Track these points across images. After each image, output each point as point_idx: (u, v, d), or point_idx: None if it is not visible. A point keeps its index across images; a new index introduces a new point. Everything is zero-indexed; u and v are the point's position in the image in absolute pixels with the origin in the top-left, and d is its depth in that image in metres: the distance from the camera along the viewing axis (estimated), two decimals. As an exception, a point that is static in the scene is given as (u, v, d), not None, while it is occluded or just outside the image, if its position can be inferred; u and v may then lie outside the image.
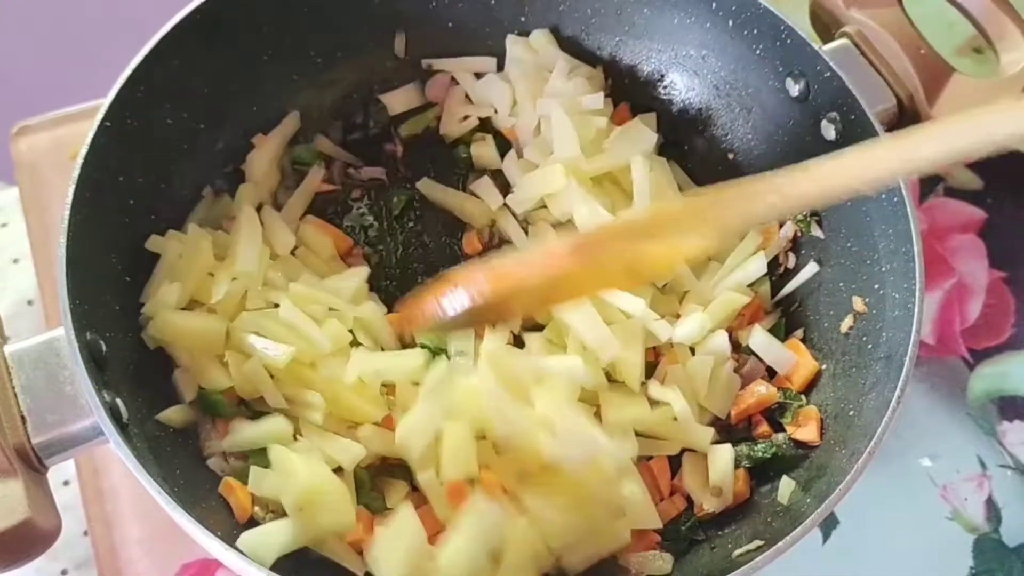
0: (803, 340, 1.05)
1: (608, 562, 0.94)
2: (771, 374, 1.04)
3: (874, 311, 0.99)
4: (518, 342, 1.04)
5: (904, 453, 1.12)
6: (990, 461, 1.12)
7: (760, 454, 0.99)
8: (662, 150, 1.13)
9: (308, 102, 1.14)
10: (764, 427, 1.02)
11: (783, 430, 1.01)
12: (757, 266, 1.06)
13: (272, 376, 0.96)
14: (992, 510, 1.10)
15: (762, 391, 1.01)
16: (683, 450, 1.01)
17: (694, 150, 1.16)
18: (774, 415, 1.02)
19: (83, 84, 1.20)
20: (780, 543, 0.81)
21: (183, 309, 0.98)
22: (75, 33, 1.47)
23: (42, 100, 1.28)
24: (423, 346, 1.01)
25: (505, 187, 1.13)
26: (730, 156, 1.14)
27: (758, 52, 1.07)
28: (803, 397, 1.01)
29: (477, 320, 0.83)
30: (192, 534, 0.81)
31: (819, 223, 1.06)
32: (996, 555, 1.08)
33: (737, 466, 0.99)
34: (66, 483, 1.10)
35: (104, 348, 0.89)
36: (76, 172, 0.90)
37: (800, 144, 1.06)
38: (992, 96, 1.03)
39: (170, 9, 0.99)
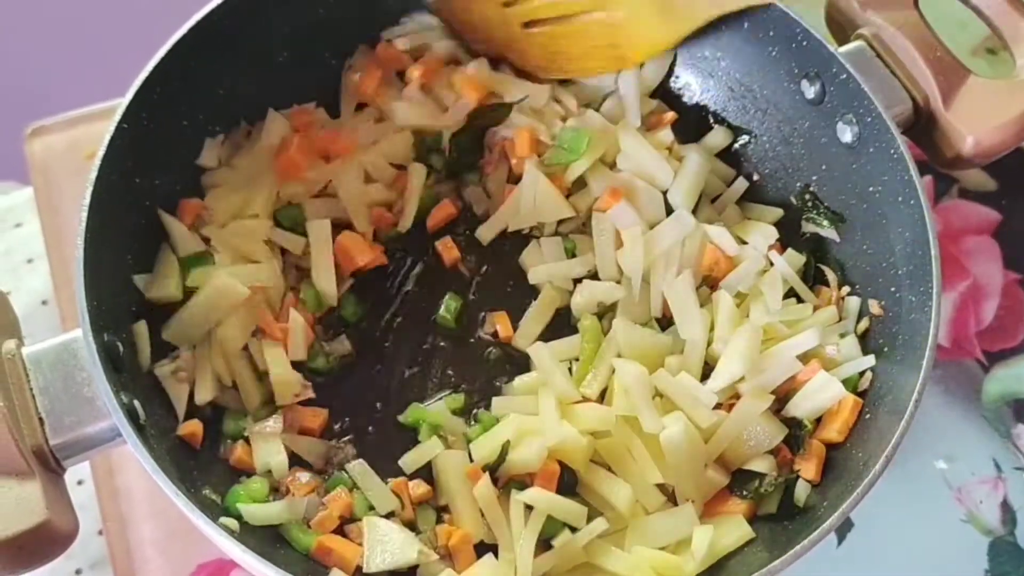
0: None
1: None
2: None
3: (890, 314, 0.98)
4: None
5: (919, 456, 1.12)
6: (1005, 464, 1.12)
7: (764, 491, 0.95)
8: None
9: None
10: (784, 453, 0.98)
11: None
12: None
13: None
14: (1007, 513, 1.10)
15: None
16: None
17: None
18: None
19: (96, 85, 1.21)
20: (796, 548, 0.81)
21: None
22: (90, 33, 1.47)
23: (56, 100, 1.29)
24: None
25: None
26: (745, 159, 1.14)
27: (773, 54, 1.06)
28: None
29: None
30: (209, 535, 0.81)
31: (835, 226, 1.06)
32: (1011, 558, 1.08)
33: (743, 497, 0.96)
34: (80, 482, 1.10)
35: (121, 349, 0.89)
36: (93, 174, 0.90)
37: (816, 146, 1.06)
38: (1008, 98, 1.02)
39: (188, 9, 0.99)
